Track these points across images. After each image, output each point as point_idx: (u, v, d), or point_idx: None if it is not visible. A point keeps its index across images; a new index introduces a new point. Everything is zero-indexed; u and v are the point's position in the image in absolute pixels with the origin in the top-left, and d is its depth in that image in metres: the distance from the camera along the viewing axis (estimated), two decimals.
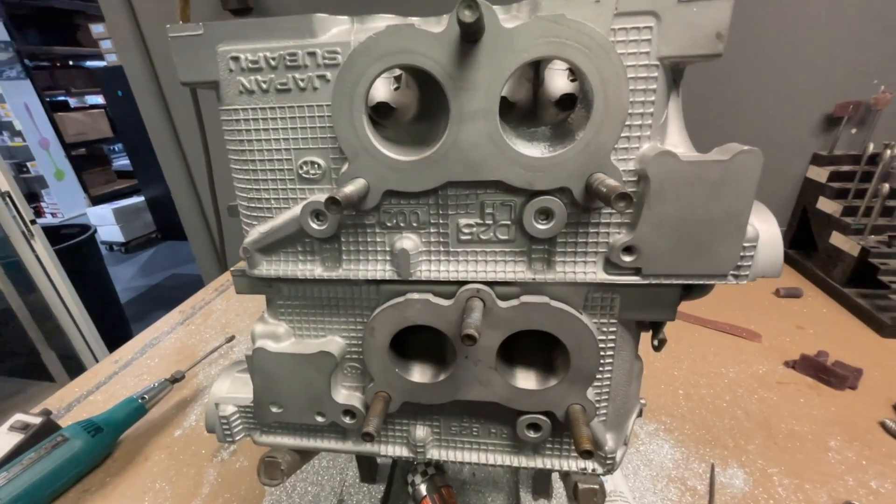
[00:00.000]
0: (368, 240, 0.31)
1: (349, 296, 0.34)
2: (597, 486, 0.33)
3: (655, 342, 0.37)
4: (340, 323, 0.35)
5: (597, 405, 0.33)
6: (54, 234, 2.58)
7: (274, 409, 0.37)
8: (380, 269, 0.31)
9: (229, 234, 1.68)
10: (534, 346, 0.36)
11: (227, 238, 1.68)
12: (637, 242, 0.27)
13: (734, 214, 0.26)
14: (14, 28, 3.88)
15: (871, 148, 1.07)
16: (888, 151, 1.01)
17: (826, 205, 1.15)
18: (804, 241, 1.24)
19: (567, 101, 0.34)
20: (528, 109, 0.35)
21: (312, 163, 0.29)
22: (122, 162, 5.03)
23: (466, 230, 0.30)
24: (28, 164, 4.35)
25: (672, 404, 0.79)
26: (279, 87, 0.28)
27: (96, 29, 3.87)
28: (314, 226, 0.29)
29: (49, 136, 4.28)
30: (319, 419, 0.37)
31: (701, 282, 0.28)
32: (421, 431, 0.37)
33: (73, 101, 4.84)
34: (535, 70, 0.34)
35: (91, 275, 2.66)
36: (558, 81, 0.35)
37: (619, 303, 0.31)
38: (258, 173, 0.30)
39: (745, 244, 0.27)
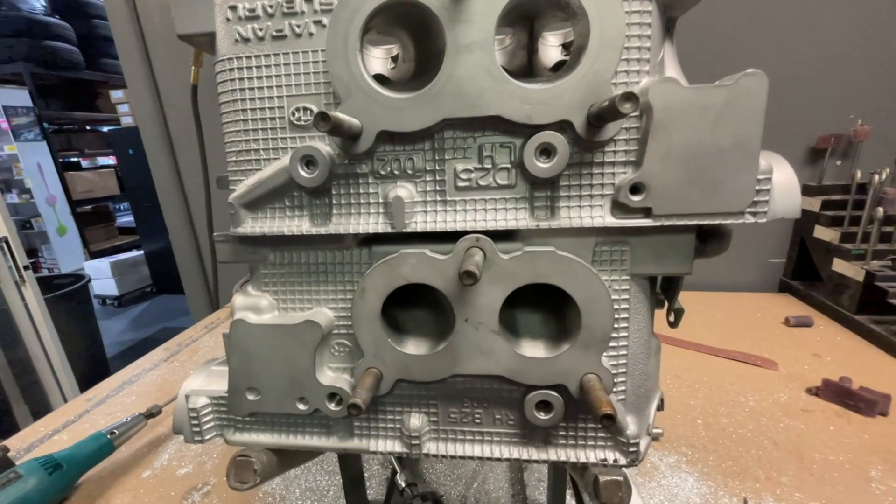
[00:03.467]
0: (361, 191, 0.29)
1: (339, 261, 0.31)
2: (620, 478, 0.29)
3: (671, 317, 0.35)
4: (328, 293, 0.32)
5: (614, 378, 0.29)
6: (47, 284, 2.54)
7: (251, 397, 0.33)
8: (372, 223, 0.29)
9: (224, 276, 1.65)
10: (539, 322, 0.33)
11: (222, 278, 1.65)
12: (645, 179, 0.26)
13: (744, 143, 0.25)
14: (38, 95, 4.14)
15: (858, 176, 1.09)
16: (876, 177, 1.03)
17: (823, 233, 1.15)
18: (806, 271, 1.23)
19: (561, 67, 0.34)
20: (523, 76, 0.35)
21: (305, 109, 0.29)
22: (126, 219, 5.11)
23: (464, 176, 0.28)
24: (33, 220, 4.41)
25: (692, 434, 0.73)
26: (275, 34, 0.28)
27: (115, 94, 4.14)
28: (303, 173, 0.28)
29: (57, 193, 4.39)
30: (301, 407, 0.32)
31: (716, 221, 0.26)
32: (416, 420, 0.32)
33: (85, 163, 5.04)
34: (529, 36, 0.34)
35: (79, 327, 2.59)
36: (551, 53, 0.35)
37: (630, 255, 0.28)
38: (249, 123, 0.29)
39: (760, 177, 0.25)
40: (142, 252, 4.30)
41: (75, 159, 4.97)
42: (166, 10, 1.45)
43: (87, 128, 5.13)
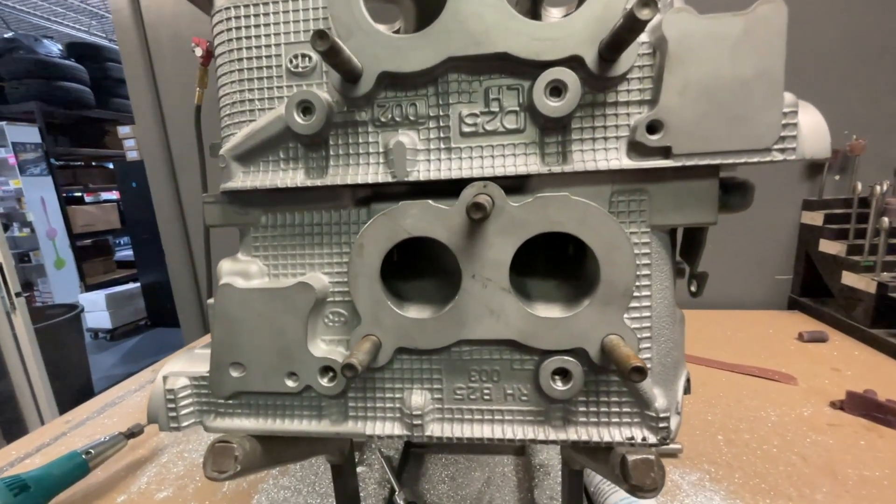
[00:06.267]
0: (360, 141, 0.28)
1: (335, 221, 0.29)
2: (652, 457, 0.25)
3: (693, 286, 0.32)
4: (323, 256, 0.30)
5: (639, 344, 0.26)
6: (40, 314, 2.49)
7: (235, 374, 0.30)
8: (371, 173, 0.27)
9: None
10: (553, 288, 0.30)
11: None
12: (662, 116, 0.24)
13: (766, 74, 0.23)
14: (48, 132, 4.24)
15: (859, 187, 1.09)
16: (878, 188, 1.03)
17: (829, 246, 1.14)
18: (814, 288, 1.21)
19: None
20: None
21: (303, 55, 0.27)
22: (125, 253, 5.10)
23: (470, 121, 0.27)
24: (31, 253, 4.40)
25: (713, 451, 0.68)
26: None
27: (123, 130, 4.24)
28: (299, 120, 0.26)
29: (58, 227, 4.40)
30: (290, 384, 0.29)
31: (741, 159, 0.24)
32: (418, 398, 0.29)
33: (89, 198, 5.10)
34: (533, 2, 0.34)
35: (67, 359, 2.51)
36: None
37: (649, 205, 0.26)
38: (245, 73, 0.28)
39: (786, 110, 0.24)
40: (138, 285, 4.26)
41: (79, 194, 5.03)
42: (175, 41, 1.51)
43: (93, 163, 5.23)
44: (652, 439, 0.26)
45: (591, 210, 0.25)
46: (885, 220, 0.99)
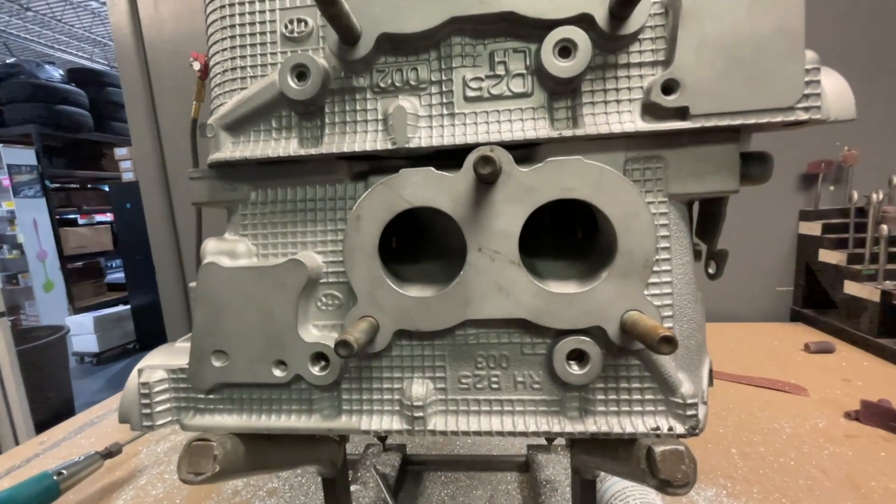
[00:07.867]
0: (358, 108, 0.26)
1: (330, 196, 0.27)
2: (682, 448, 0.22)
3: (711, 268, 0.30)
4: (317, 234, 0.27)
5: (661, 321, 0.24)
6: (24, 336, 2.42)
7: (217, 363, 0.27)
8: (370, 141, 0.25)
9: None
10: (565, 266, 0.28)
11: None
12: (678, 75, 0.23)
13: (786, 30, 0.22)
14: (44, 154, 4.24)
15: (855, 197, 1.09)
16: (874, 196, 1.03)
17: (829, 256, 1.13)
18: (816, 299, 1.19)
19: None
20: None
21: (299, 20, 0.26)
22: (116, 275, 5.02)
23: (474, 85, 0.25)
24: (20, 275, 4.32)
25: (728, 465, 0.65)
26: None
27: (119, 151, 4.25)
28: (294, 85, 0.25)
29: (49, 249, 4.34)
30: (278, 373, 0.26)
31: (763, 119, 0.23)
32: (419, 388, 0.26)
33: (82, 220, 5.06)
34: None
35: (50, 383, 2.42)
36: None
37: (666, 173, 0.25)
38: (237, 38, 0.27)
39: (808, 66, 0.22)
40: (128, 307, 4.17)
41: (72, 216, 5.00)
42: (174, 58, 1.52)
43: (89, 185, 5.22)
44: (679, 429, 0.24)
45: (607, 174, 0.23)
46: (884, 227, 0.99)
